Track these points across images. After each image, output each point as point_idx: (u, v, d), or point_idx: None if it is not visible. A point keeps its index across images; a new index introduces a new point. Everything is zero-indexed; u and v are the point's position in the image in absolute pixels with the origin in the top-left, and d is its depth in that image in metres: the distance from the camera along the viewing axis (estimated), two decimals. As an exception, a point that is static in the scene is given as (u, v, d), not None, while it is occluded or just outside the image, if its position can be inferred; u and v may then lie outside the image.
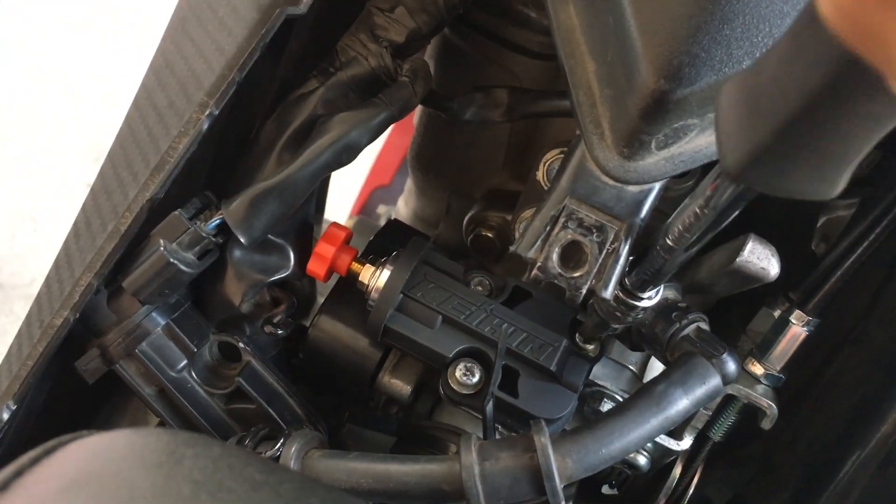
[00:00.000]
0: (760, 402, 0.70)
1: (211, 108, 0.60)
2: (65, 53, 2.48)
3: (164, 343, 0.68)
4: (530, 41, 0.76)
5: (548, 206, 0.58)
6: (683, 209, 0.47)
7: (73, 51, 2.49)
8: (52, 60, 2.47)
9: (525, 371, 0.66)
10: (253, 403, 0.70)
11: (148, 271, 0.63)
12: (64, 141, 2.37)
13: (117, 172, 0.65)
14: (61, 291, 0.64)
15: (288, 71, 0.70)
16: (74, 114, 2.40)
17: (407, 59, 0.68)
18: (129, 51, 2.50)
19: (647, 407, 0.57)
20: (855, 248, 0.68)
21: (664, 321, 0.64)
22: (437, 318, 0.67)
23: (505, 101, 0.72)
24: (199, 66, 0.62)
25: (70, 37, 2.50)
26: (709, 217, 0.45)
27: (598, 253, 0.57)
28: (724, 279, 0.66)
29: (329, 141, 0.64)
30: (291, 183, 0.64)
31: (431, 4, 0.67)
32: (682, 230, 0.48)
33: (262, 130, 0.68)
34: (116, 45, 2.51)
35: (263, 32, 0.59)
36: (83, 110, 2.40)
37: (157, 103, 0.65)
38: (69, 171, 2.34)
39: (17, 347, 0.66)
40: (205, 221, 0.65)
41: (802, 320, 0.69)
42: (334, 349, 0.72)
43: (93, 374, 0.68)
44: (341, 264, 0.70)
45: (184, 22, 0.68)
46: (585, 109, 0.56)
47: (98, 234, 0.63)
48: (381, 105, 0.65)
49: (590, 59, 0.56)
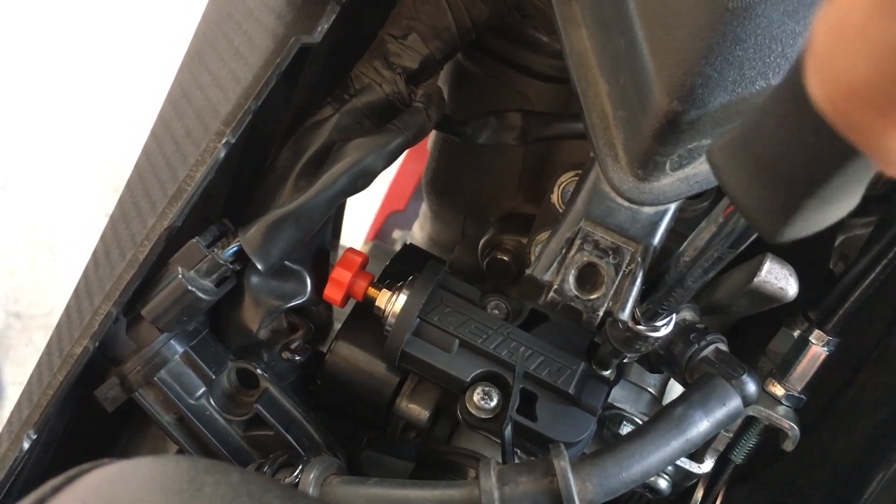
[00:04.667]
0: (782, 424, 0.69)
1: (227, 136, 0.60)
2: (83, 84, 2.51)
3: (182, 370, 0.68)
4: (543, 65, 0.77)
5: (563, 229, 0.58)
6: (695, 237, 0.47)
7: (92, 82, 2.52)
8: (71, 91, 2.50)
9: (543, 394, 0.66)
10: (271, 430, 0.70)
11: (166, 299, 0.64)
12: (83, 171, 2.39)
13: (136, 201, 0.66)
14: (81, 320, 0.64)
15: (303, 98, 0.71)
16: (93, 144, 2.42)
17: (421, 85, 0.69)
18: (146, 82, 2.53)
19: (667, 429, 0.57)
20: (873, 267, 0.67)
21: (683, 343, 0.63)
22: (454, 342, 0.67)
23: (518, 124, 0.73)
24: (215, 95, 0.63)
25: (88, 68, 2.54)
26: (723, 244, 0.45)
27: (615, 275, 0.57)
28: (742, 300, 0.65)
29: (344, 167, 0.64)
30: (307, 209, 0.64)
31: (444, 31, 0.67)
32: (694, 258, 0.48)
33: (278, 157, 0.68)
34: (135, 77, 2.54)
35: (279, 61, 0.60)
36: (102, 141, 2.43)
37: (174, 133, 0.66)
38: (88, 202, 2.36)
39: (37, 376, 0.67)
40: (222, 249, 0.66)
41: (822, 340, 0.69)
42: (352, 374, 0.72)
43: (112, 403, 0.68)
44: (358, 290, 0.70)
45: (200, 53, 0.69)
46: (599, 131, 0.56)
47: (117, 263, 0.64)
48: (396, 131, 0.66)
49: (602, 82, 0.56)
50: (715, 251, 0.47)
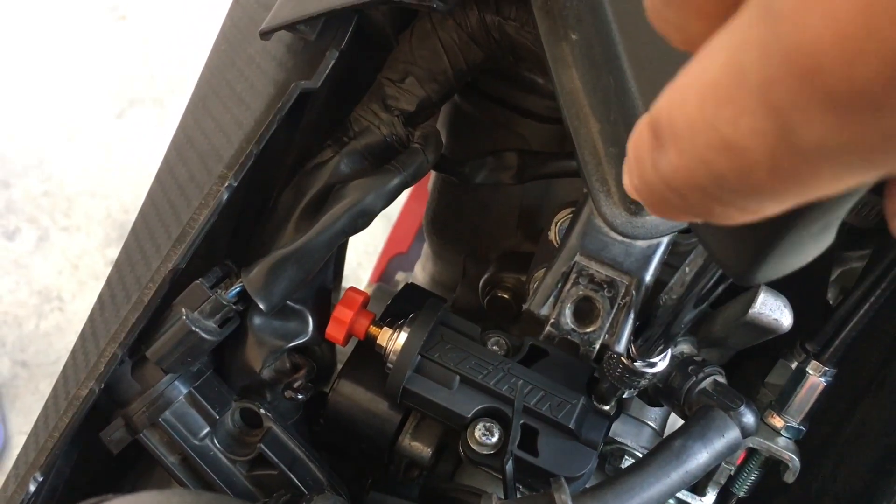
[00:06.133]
0: (782, 455, 0.70)
1: (230, 180, 0.62)
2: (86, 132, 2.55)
3: (186, 411, 0.69)
4: (538, 105, 0.78)
5: (559, 264, 0.59)
6: (682, 273, 0.48)
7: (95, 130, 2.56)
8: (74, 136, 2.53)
9: (544, 429, 0.66)
10: (275, 469, 0.70)
11: (171, 340, 0.65)
12: (89, 219, 2.42)
13: (141, 245, 0.67)
14: (87, 363, 0.65)
15: (303, 141, 0.73)
16: (98, 192, 2.45)
17: (418, 127, 0.71)
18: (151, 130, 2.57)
19: (667, 461, 0.57)
20: (868, 297, 0.68)
21: (681, 375, 0.64)
22: (454, 378, 0.68)
23: (515, 163, 0.74)
24: (218, 140, 0.65)
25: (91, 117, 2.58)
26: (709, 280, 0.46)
27: (610, 308, 0.58)
28: (738, 331, 0.66)
29: (345, 207, 0.65)
30: (309, 249, 0.66)
31: (440, 74, 0.69)
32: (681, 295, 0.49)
33: (279, 199, 0.70)
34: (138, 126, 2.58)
35: (279, 106, 0.62)
36: (106, 188, 2.46)
37: (178, 177, 0.68)
38: (94, 250, 2.38)
39: (43, 420, 0.67)
40: (225, 290, 0.67)
41: (819, 371, 0.69)
42: (354, 413, 0.73)
43: (118, 445, 0.68)
44: (359, 328, 0.71)
45: (204, 99, 0.71)
46: (591, 168, 0.57)
47: (122, 306, 0.65)
48: (395, 171, 0.67)
49: (593, 120, 0.57)
50: (702, 286, 0.48)
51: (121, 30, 2.75)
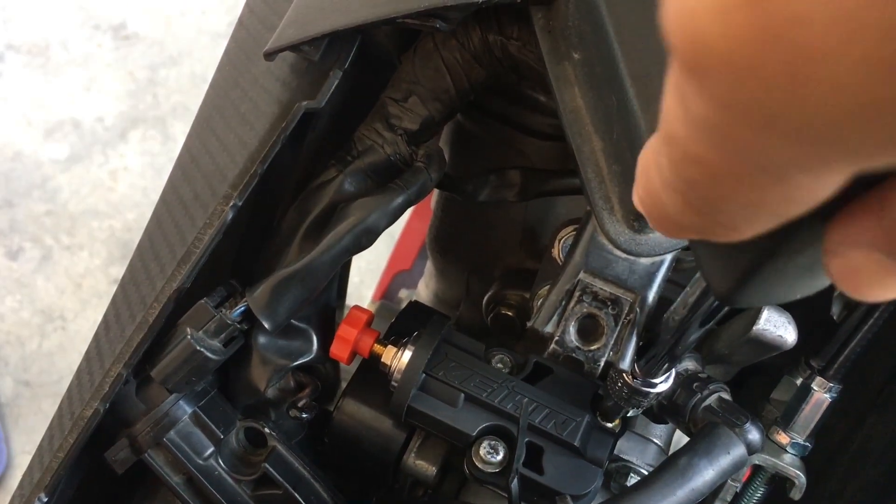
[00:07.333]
0: (788, 472, 0.69)
1: (234, 199, 0.62)
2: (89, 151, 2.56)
3: (191, 431, 0.69)
4: (541, 124, 0.79)
5: (562, 281, 0.59)
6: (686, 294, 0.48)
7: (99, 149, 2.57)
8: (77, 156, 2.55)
9: (549, 447, 0.66)
10: (280, 489, 0.70)
11: (175, 359, 0.65)
12: (92, 239, 2.42)
13: (145, 264, 0.68)
14: (91, 383, 0.65)
15: (307, 161, 0.73)
16: (101, 211, 2.46)
17: (422, 145, 0.71)
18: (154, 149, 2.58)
19: (673, 479, 0.57)
20: (872, 312, 0.68)
21: (686, 392, 0.64)
22: (459, 396, 0.67)
23: (518, 181, 0.74)
24: (223, 159, 0.65)
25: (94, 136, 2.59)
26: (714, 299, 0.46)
27: (614, 325, 0.58)
28: (743, 348, 0.66)
29: (349, 226, 0.66)
30: (313, 268, 0.66)
31: (443, 93, 0.70)
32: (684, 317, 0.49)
33: (283, 219, 0.70)
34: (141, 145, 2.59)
35: (283, 126, 0.62)
36: (109, 207, 2.46)
37: (183, 197, 0.68)
38: (97, 270, 2.38)
39: (48, 440, 0.67)
40: (230, 309, 0.67)
41: (825, 387, 0.69)
42: (359, 431, 0.73)
43: (122, 465, 0.68)
44: (364, 346, 0.71)
45: (209, 119, 0.71)
46: (594, 185, 0.57)
47: (127, 325, 0.65)
48: (398, 190, 0.67)
49: (596, 138, 0.58)
50: (706, 307, 0.48)
51: (124, 49, 2.77)
